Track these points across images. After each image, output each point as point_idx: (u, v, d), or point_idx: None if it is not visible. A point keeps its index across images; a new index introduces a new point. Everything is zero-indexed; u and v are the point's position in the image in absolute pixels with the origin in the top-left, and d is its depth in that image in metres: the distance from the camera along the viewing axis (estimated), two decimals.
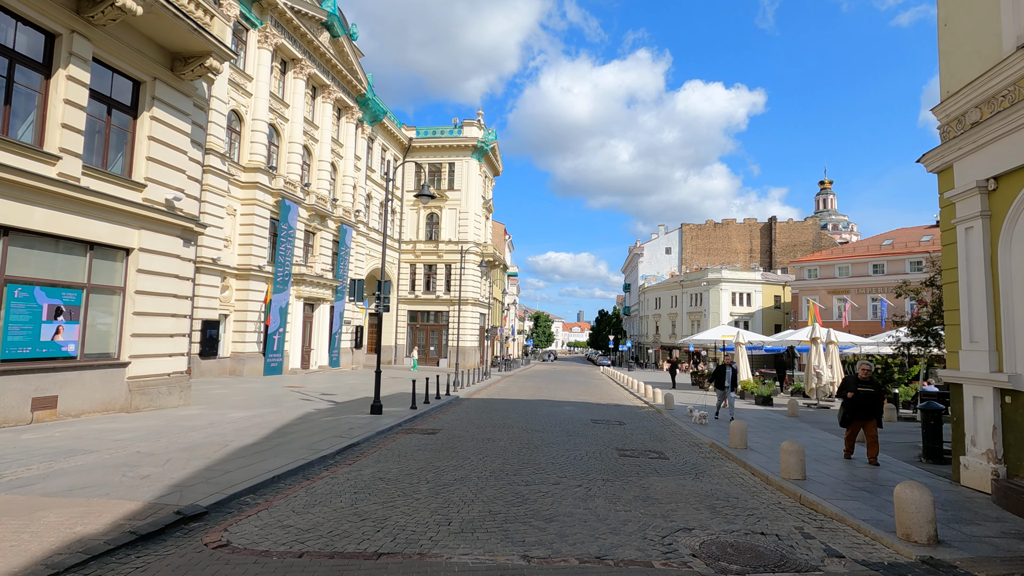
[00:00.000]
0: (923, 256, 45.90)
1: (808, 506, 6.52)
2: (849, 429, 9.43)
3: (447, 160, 44.97)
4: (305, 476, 7.30)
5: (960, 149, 7.51)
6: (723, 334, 28.93)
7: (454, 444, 10.06)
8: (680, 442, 11.40)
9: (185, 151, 13.62)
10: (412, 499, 6.28)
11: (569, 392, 24.08)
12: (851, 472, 8.33)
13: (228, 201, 24.03)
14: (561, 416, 14.96)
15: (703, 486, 7.43)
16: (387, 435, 10.99)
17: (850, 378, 9.56)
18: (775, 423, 14.50)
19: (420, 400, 16.50)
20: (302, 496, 6.32)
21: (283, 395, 17.07)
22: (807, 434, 12.70)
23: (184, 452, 8.01)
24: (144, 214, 12.25)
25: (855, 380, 9.39)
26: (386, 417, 13.07)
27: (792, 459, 7.54)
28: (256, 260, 25.07)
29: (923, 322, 16.08)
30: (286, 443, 9.12)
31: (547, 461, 8.73)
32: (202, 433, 9.65)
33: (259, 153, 25.60)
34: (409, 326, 44.14)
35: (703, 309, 59.67)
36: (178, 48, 12.82)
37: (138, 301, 12.31)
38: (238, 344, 24.52)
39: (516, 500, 6.36)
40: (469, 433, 11.38)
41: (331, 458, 8.47)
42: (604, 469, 8.30)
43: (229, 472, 6.93)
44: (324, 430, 10.64)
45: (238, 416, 12.03)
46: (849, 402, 9.26)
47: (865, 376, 9.32)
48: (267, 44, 26.11)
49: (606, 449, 10.08)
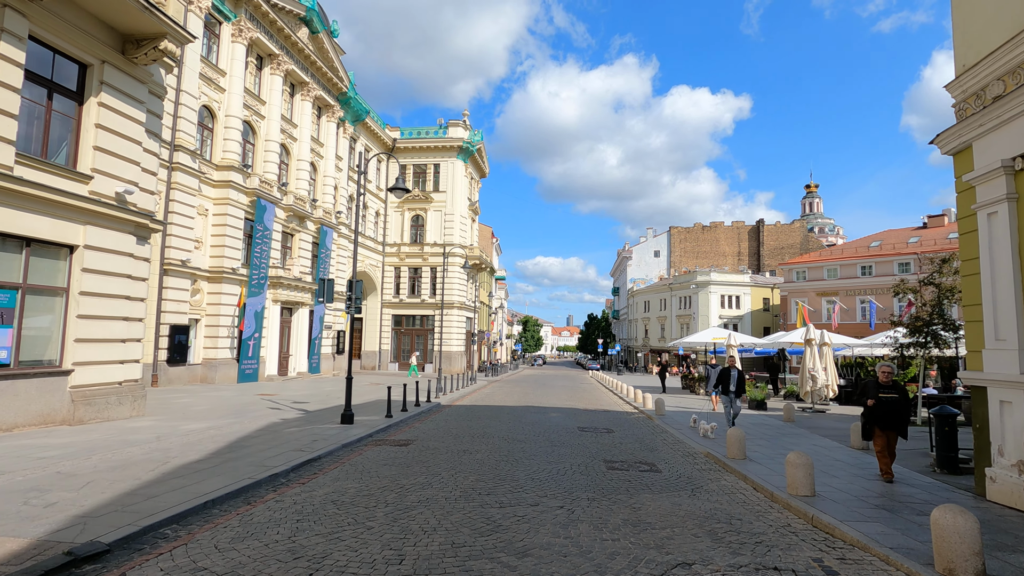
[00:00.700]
0: (911, 257, 45.77)
1: (823, 529, 5.69)
2: (875, 442, 8.22)
3: (432, 161, 44.07)
4: (247, 500, 6.34)
5: (981, 126, 6.78)
6: (714, 336, 28.24)
7: (426, 457, 9.13)
8: (673, 452, 10.56)
9: (139, 141, 12.60)
10: (364, 528, 5.36)
11: (556, 398, 23.21)
12: (864, 486, 7.52)
13: (199, 200, 22.93)
14: (546, 424, 14.08)
15: (701, 505, 6.59)
16: (354, 447, 10.03)
17: (870, 382, 8.33)
18: (772, 429, 13.74)
19: (398, 408, 15.54)
20: (234, 526, 5.37)
21: (252, 403, 16.02)
22: (807, 441, 11.94)
23: (112, 472, 7.02)
24: (91, 208, 11.22)
25: (876, 384, 8.20)
26: (357, 427, 12.11)
27: (800, 473, 6.71)
28: (229, 262, 23.96)
29: (922, 321, 15.41)
30: (236, 459, 8.15)
31: (527, 477, 7.84)
32: (143, 449, 8.64)
33: (233, 151, 24.53)
34: (393, 331, 43.05)
35: (692, 312, 59.16)
36: (129, 29, 11.83)
37: (83, 303, 11.26)
38: (210, 350, 23.37)
39: (486, 527, 5.47)
40: (444, 444, 10.46)
41: (283, 476, 7.51)
42: (590, 485, 7.43)
43: (155, 497, 5.96)
44: (284, 443, 9.67)
45: (192, 428, 11.01)
46: (870, 410, 8.12)
47: (887, 380, 8.17)
48: (241, 38, 25.09)
49: (593, 461, 9.21)
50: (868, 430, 8.22)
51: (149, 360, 20.48)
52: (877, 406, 8.02)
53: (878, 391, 8.11)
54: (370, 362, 42.08)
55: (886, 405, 7.96)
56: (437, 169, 44.06)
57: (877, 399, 8.04)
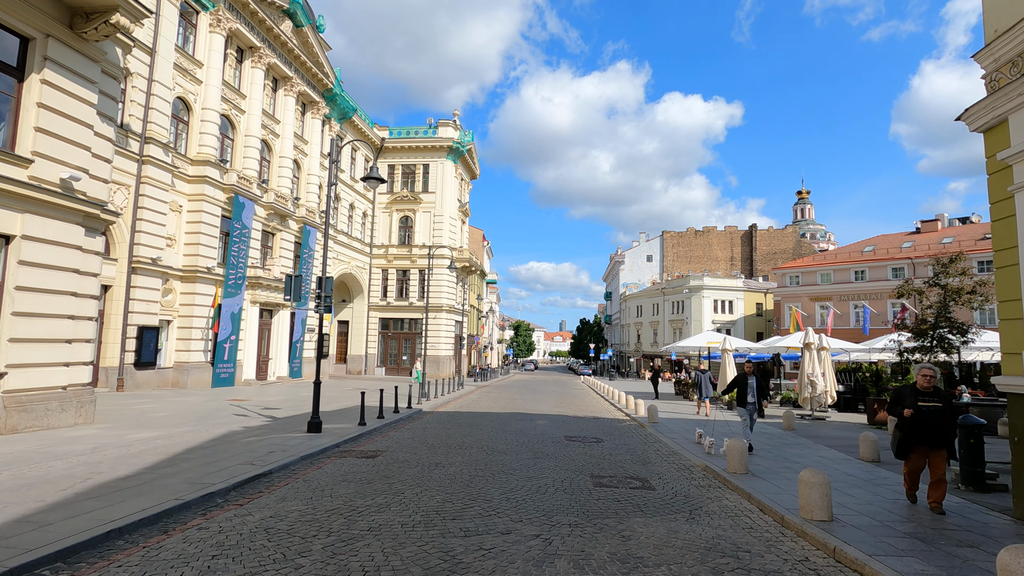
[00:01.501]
0: (905, 262, 45.33)
1: (849, 566, 4.77)
2: (909, 462, 6.68)
3: (422, 161, 43.14)
4: (164, 528, 5.34)
5: (1021, 95, 5.95)
6: (708, 340, 27.39)
7: (392, 472, 8.15)
8: (667, 464, 9.63)
9: (90, 125, 11.58)
10: (291, 568, 4.37)
11: (545, 404, 22.25)
12: (885, 507, 6.62)
13: (173, 196, 21.86)
14: (531, 433, 13.12)
15: (702, 532, 5.66)
16: (314, 460, 9.03)
17: (906, 388, 6.78)
18: (772, 438, 12.85)
19: (379, 414, 14.53)
20: (132, 564, 4.38)
21: (219, 410, 14.96)
22: (811, 452, 11.05)
23: (15, 492, 6.00)
24: (30, 195, 10.19)
25: (913, 391, 6.64)
26: (324, 436, 11.11)
27: (815, 494, 5.79)
28: (204, 261, 22.86)
29: (928, 324, 14.63)
30: (172, 475, 7.13)
31: (502, 496, 6.88)
32: (68, 463, 7.61)
33: (209, 145, 23.47)
34: (380, 334, 41.96)
35: (685, 317, 58.45)
36: (75, 0, 10.84)
37: (20, 299, 10.21)
38: (182, 353, 22.23)
39: (442, 567, 4.50)
40: (416, 456, 9.47)
41: (220, 496, 6.51)
42: (573, 507, 6.48)
43: (48, 526, 4.96)
44: (236, 455, 8.66)
45: (138, 438, 9.96)
46: (906, 422, 6.54)
47: (928, 386, 6.57)
48: (220, 28, 24.09)
49: (578, 476, 8.27)
50: (905, 447, 6.59)
51: (114, 363, 19.38)
52: (917, 418, 6.46)
53: (917, 399, 6.53)
54: (356, 366, 40.95)
55: (928, 416, 6.41)
56: (426, 169, 43.12)
57: (916, 409, 6.47)
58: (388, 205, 42.79)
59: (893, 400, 6.80)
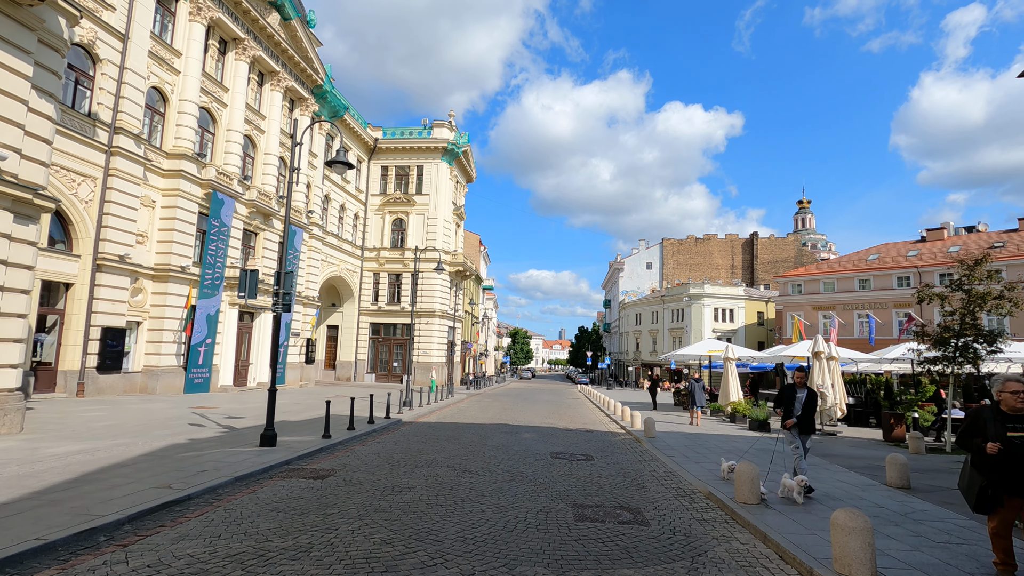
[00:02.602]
0: (911, 271, 44.08)
1: None
2: (999, 518, 4.61)
3: (416, 162, 42.02)
4: None
5: None
6: (709, 349, 26.06)
7: (336, 498, 6.85)
8: (664, 490, 8.33)
9: (24, 100, 10.37)
10: None
11: (536, 414, 20.91)
12: (939, 557, 5.31)
13: (145, 191, 20.65)
14: (514, 449, 11.80)
15: None
16: (251, 481, 7.73)
17: (984, 411, 4.77)
18: (784, 457, 11.54)
19: (350, 424, 13.23)
20: None
21: (177, 418, 13.66)
22: (828, 475, 9.76)
23: None
24: None
25: (997, 413, 4.67)
26: (276, 451, 9.81)
27: (854, 544, 4.48)
28: (178, 259, 21.59)
29: (952, 332, 13.35)
30: (59, 502, 5.85)
31: (458, 534, 5.58)
32: None
33: (186, 138, 22.27)
34: (371, 340, 40.66)
35: (685, 325, 57.14)
36: None
37: None
38: (152, 356, 20.92)
39: None
40: (372, 477, 8.17)
41: (104, 532, 5.21)
42: (545, 551, 5.19)
43: None
44: (157, 475, 7.36)
45: (56, 452, 8.66)
46: (989, 460, 4.53)
47: (1021, 408, 4.58)
48: (200, 17, 22.99)
49: (558, 505, 6.96)
50: (991, 498, 4.54)
51: (75, 367, 18.09)
52: (1007, 454, 4.44)
53: (1004, 425, 4.54)
54: (345, 372, 39.63)
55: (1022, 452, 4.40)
56: (420, 171, 41.99)
57: (1006, 441, 4.46)
58: (381, 207, 41.64)
59: (968, 427, 4.81)
